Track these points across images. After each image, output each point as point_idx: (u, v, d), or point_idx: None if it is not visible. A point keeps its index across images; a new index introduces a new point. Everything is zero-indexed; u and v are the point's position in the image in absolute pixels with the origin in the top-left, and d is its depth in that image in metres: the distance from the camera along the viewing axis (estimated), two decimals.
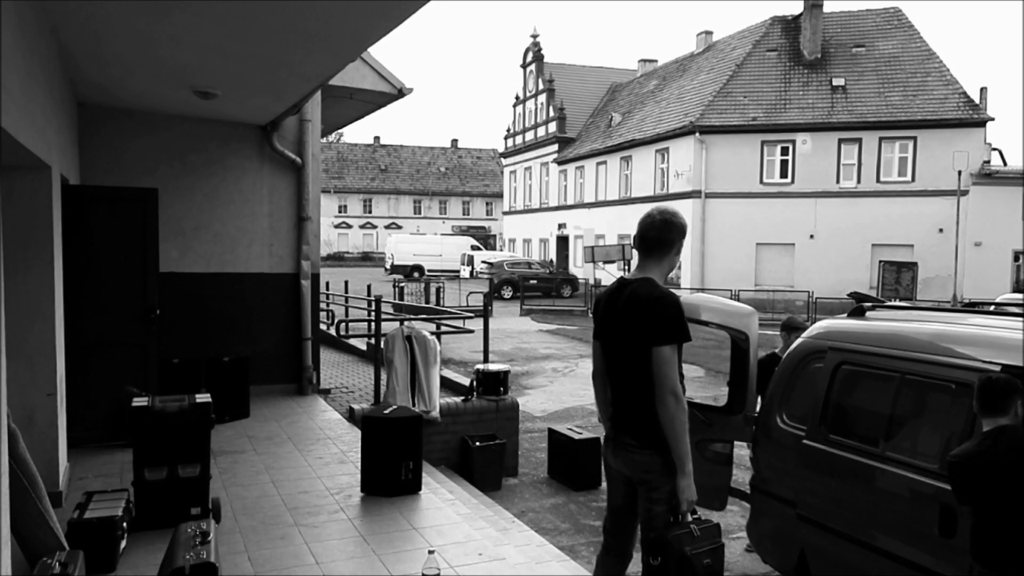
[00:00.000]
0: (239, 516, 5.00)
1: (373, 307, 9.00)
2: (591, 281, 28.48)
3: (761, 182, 27.78)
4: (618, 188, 34.50)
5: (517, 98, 46.14)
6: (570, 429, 7.95)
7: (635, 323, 2.99)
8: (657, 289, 3.00)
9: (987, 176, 25.17)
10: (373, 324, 8.92)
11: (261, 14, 4.57)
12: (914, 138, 26.28)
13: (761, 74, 29.50)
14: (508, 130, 47.82)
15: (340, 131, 52.10)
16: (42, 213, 5.03)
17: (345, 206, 65.43)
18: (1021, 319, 3.82)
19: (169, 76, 6.31)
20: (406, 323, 8.28)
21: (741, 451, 5.89)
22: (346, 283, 19.60)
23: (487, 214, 68.32)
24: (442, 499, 5.62)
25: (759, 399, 4.88)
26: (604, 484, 7.38)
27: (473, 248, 44.13)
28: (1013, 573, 2.91)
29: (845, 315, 4.78)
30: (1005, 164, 26.53)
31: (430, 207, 67.55)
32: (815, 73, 28.88)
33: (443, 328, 10.79)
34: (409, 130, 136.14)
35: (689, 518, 3.01)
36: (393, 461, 5.52)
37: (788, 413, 4.48)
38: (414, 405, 7.44)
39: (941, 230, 25.26)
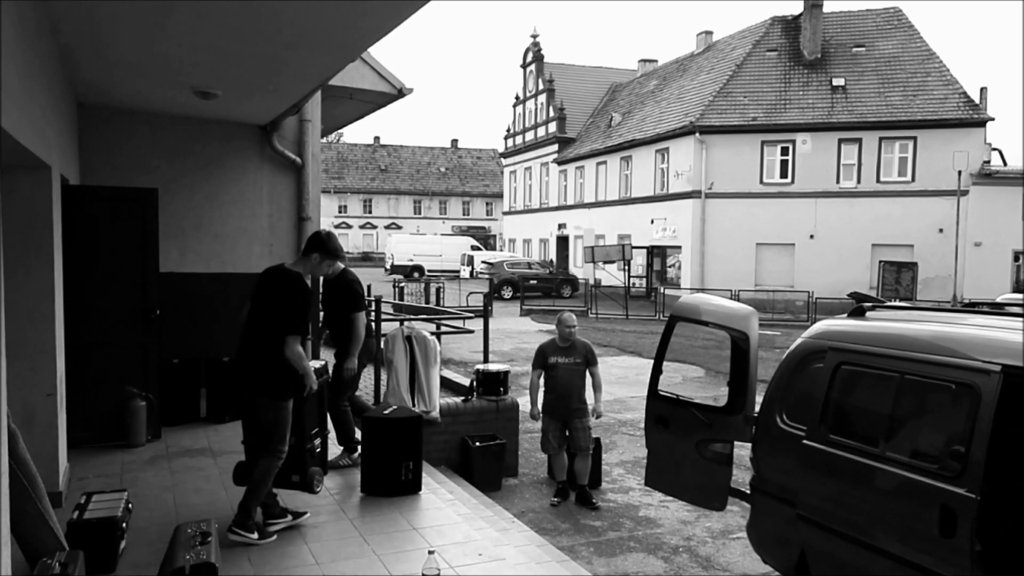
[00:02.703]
0: None
1: (373, 307, 8.99)
2: (591, 281, 28.48)
3: (761, 182, 27.78)
4: (618, 188, 34.50)
5: (517, 98, 46.14)
6: None
7: None
8: None
9: (987, 176, 25.17)
10: (373, 324, 8.91)
11: (261, 14, 4.57)
12: (914, 138, 26.28)
13: (761, 74, 29.50)
14: (508, 130, 47.82)
15: (340, 131, 52.10)
16: (42, 213, 5.03)
17: (345, 206, 65.42)
18: (1021, 319, 3.81)
19: (169, 76, 6.31)
20: (406, 323, 8.27)
21: (741, 451, 5.89)
22: None
23: (487, 214, 68.31)
24: (442, 499, 5.62)
25: None
26: (603, 484, 7.39)
27: (473, 248, 44.12)
28: None
29: (845, 315, 4.78)
30: (1005, 164, 26.53)
31: (430, 207, 67.55)
32: (815, 73, 28.89)
33: (443, 328, 10.79)
34: (409, 130, 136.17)
35: None
36: (393, 461, 5.52)
37: (788, 413, 4.48)
38: (414, 405, 7.44)
39: (941, 230, 25.26)
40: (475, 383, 8.10)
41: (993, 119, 25.90)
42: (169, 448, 6.60)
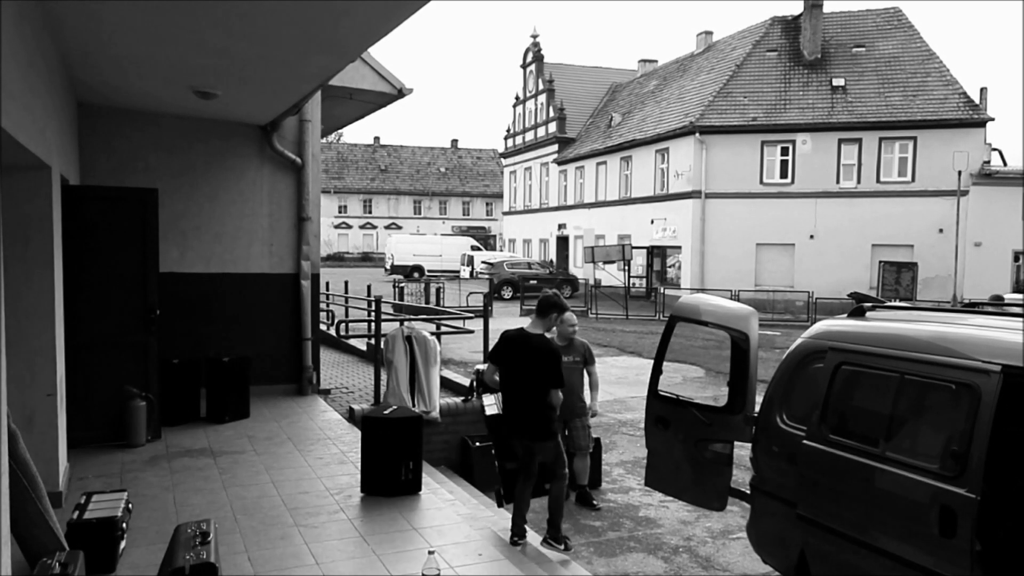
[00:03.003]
0: (239, 516, 5.00)
1: (373, 307, 9.00)
2: (591, 281, 28.48)
3: (761, 182, 27.78)
4: (618, 188, 34.49)
5: (517, 98, 46.12)
6: None
7: None
8: None
9: (987, 176, 25.17)
10: (373, 324, 8.92)
11: (261, 14, 4.58)
12: (914, 138, 26.28)
13: (761, 74, 29.50)
14: (508, 130, 47.81)
15: (340, 131, 52.13)
16: (42, 213, 5.04)
17: (345, 206, 65.41)
18: (1021, 319, 3.81)
19: (169, 76, 6.31)
20: (406, 323, 8.28)
21: (741, 451, 5.89)
22: (346, 283, 19.60)
23: (487, 214, 68.29)
24: (442, 499, 5.62)
25: None
26: (603, 484, 7.38)
27: (473, 248, 44.10)
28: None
29: (845, 315, 4.78)
30: (1005, 164, 26.52)
31: (430, 207, 67.53)
32: (815, 73, 28.88)
33: (443, 328, 10.79)
34: (409, 130, 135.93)
35: None
36: (393, 461, 5.52)
37: (788, 413, 4.48)
38: (414, 405, 7.44)
39: (941, 230, 25.26)
40: (475, 383, 8.10)
41: (993, 119, 25.90)
42: (169, 448, 6.60)
